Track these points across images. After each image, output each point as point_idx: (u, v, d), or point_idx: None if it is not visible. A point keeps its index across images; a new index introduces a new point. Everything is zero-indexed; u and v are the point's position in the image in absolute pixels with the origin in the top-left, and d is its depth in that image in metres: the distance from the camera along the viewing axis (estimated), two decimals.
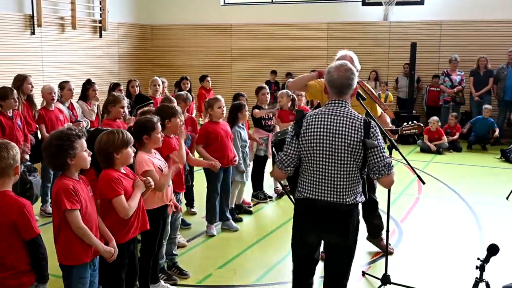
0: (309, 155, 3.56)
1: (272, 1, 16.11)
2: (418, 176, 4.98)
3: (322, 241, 3.84)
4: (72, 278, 3.61)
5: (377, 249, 6.03)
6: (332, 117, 3.53)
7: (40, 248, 3.31)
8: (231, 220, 6.78)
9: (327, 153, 3.51)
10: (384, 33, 14.63)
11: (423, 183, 4.99)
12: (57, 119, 7.20)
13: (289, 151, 3.62)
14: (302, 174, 3.67)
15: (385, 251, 5.14)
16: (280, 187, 8.27)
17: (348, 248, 3.71)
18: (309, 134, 3.54)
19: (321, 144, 3.51)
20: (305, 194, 3.64)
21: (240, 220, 7.07)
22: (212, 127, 6.37)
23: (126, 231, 4.05)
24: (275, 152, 3.89)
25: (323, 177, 3.55)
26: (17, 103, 6.65)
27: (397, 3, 13.94)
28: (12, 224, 3.21)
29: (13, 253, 3.26)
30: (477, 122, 12.19)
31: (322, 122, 3.53)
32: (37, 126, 7.23)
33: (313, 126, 3.55)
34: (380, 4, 14.13)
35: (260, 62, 15.99)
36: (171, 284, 5.14)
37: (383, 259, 5.12)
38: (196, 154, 6.83)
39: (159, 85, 8.86)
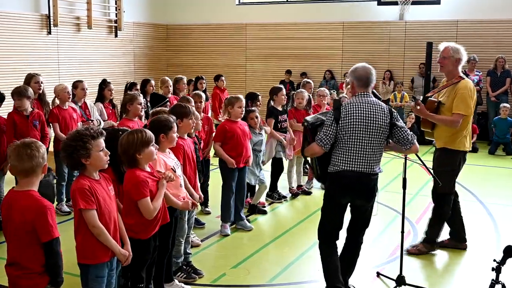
0: (348, 136, 4.37)
1: (287, 1, 16.09)
2: (434, 176, 4.94)
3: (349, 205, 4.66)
4: (89, 277, 3.64)
5: (391, 249, 6.00)
6: (366, 105, 4.41)
7: (52, 253, 3.29)
8: (245, 220, 6.78)
9: (364, 133, 4.35)
10: (400, 33, 14.55)
11: (439, 183, 4.96)
12: (71, 118, 7.22)
13: (328, 132, 4.39)
14: (338, 151, 4.44)
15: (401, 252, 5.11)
16: (295, 187, 8.27)
17: (371, 206, 4.62)
18: (349, 119, 4.36)
19: (360, 127, 4.35)
20: (342, 167, 4.42)
21: (254, 220, 7.07)
22: (229, 126, 6.40)
23: (151, 228, 4.14)
24: (309, 133, 4.60)
25: (358, 153, 4.38)
26: (29, 102, 6.67)
27: (413, 3, 13.85)
28: (30, 224, 3.22)
29: (28, 253, 3.28)
30: (496, 124, 11.98)
31: (359, 110, 4.39)
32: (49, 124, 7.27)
33: (352, 113, 4.37)
34: (395, 3, 14.05)
35: (275, 61, 15.98)
36: (190, 282, 5.16)
37: (398, 260, 5.09)
38: (212, 151, 6.88)
39: (170, 86, 8.87)
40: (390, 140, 4.52)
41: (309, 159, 4.78)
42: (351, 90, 4.66)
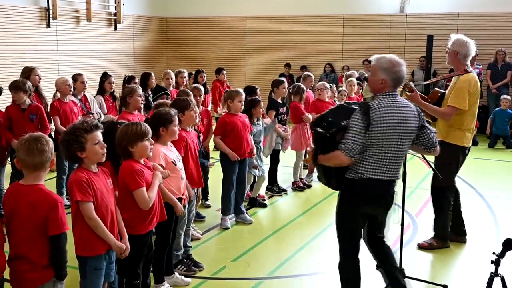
0: (378, 143, 3.89)
1: None
2: (434, 169, 4.93)
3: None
4: (87, 269, 3.65)
5: (391, 242, 5.99)
6: (397, 108, 3.93)
7: (59, 248, 3.32)
8: (245, 213, 6.78)
9: (395, 140, 3.90)
10: (400, 26, 14.52)
11: (439, 177, 4.95)
12: (72, 111, 7.21)
13: (358, 140, 3.86)
14: (363, 158, 3.94)
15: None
16: (299, 182, 8.26)
17: (387, 215, 4.32)
18: (382, 125, 3.86)
19: (392, 133, 3.89)
20: (366, 175, 3.96)
21: (254, 213, 7.07)
22: (230, 119, 6.40)
23: (147, 222, 4.12)
24: (327, 142, 4.03)
25: (386, 160, 3.95)
26: (26, 95, 6.64)
27: None
28: (42, 219, 3.24)
29: (38, 247, 3.29)
30: (496, 115, 11.98)
31: (391, 114, 3.89)
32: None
33: (384, 118, 3.87)
34: None
35: (274, 54, 15.95)
36: (191, 275, 5.17)
37: (398, 253, 5.10)
38: (212, 144, 6.87)
39: (172, 78, 8.85)
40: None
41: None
42: (375, 87, 4.04)
